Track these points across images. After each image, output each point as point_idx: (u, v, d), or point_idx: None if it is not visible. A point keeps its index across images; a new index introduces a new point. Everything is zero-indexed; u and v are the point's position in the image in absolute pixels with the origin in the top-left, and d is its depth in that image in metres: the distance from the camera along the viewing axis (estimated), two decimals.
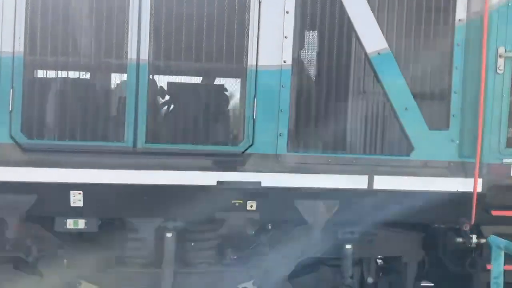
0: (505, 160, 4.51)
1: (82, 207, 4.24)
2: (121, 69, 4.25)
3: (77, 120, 4.25)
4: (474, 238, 4.66)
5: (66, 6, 4.13)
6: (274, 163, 4.32)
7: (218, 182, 4.28)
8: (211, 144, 4.34)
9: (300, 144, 4.41)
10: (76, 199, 4.25)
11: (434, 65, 4.52)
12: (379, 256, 5.10)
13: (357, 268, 4.95)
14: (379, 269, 5.15)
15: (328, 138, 4.46)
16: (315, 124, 4.45)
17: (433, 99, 4.61)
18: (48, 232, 4.48)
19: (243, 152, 4.31)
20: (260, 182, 4.33)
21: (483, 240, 4.67)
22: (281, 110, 4.30)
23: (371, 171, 4.40)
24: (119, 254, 4.61)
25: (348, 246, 4.63)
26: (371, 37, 4.37)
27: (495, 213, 4.50)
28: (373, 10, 4.37)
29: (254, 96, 4.30)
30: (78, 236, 4.58)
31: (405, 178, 4.43)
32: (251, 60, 4.29)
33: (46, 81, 4.28)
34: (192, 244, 4.66)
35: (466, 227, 4.54)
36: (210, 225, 4.49)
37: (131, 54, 4.17)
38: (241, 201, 4.37)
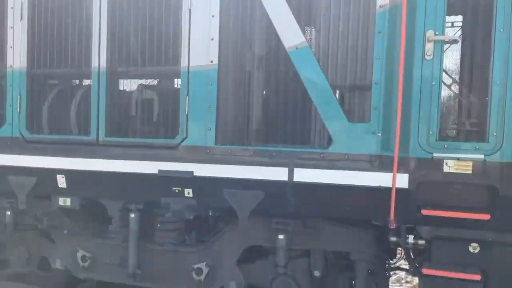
0: (436, 154, 4.09)
1: (66, 188, 5.36)
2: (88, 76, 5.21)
3: (61, 118, 5.39)
4: (411, 239, 4.36)
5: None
6: (204, 155, 4.76)
7: (159, 170, 4.92)
8: (154, 138, 5.00)
9: (226, 137, 4.75)
10: (62, 181, 5.38)
11: (354, 56, 4.36)
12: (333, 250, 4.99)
13: (304, 259, 5.02)
14: (333, 264, 5.07)
15: (250, 132, 4.71)
16: (239, 119, 4.74)
17: (353, 92, 4.44)
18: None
19: (178, 144, 4.86)
20: (192, 172, 4.82)
21: (421, 241, 4.34)
22: (209, 106, 4.71)
23: (291, 164, 4.50)
24: (101, 229, 5.63)
25: (280, 236, 4.77)
26: (289, 32, 4.46)
27: (425, 212, 4.11)
28: (289, 4, 4.45)
29: (187, 94, 4.81)
30: (74, 211, 5.69)
31: (325, 171, 4.39)
32: (184, 62, 4.81)
33: (41, 89, 5.49)
34: (158, 225, 5.40)
35: (392, 225, 4.26)
36: (160, 209, 5.14)
37: (94, 63, 5.11)
38: (180, 189, 4.93)
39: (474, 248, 4.27)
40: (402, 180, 4.17)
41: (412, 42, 4.11)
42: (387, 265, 5.01)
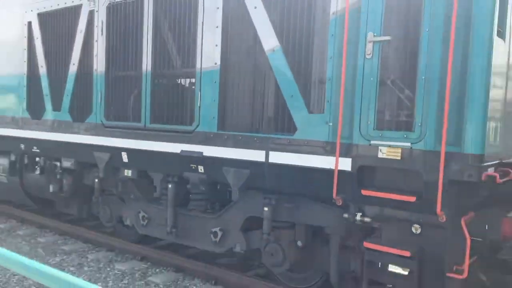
0: (373, 142, 4.64)
1: (127, 162, 7.08)
2: (139, 78, 6.82)
3: (124, 109, 7.12)
4: (358, 216, 4.95)
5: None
6: (210, 139, 5.99)
7: (181, 151, 6.29)
8: (179, 125, 6.37)
9: (225, 125, 5.89)
10: (125, 157, 7.12)
11: (314, 56, 5.10)
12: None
13: (290, 231, 5.87)
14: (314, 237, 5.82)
15: (240, 121, 5.76)
16: (233, 111, 5.84)
17: (313, 87, 5.16)
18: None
19: (193, 130, 6.16)
20: (202, 152, 6.08)
21: (366, 219, 4.92)
22: (214, 100, 5.91)
23: (267, 148, 5.45)
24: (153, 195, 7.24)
25: (265, 209, 5.73)
26: (268, 37, 5.40)
27: (364, 192, 4.70)
28: (269, 16, 5.39)
29: (200, 90, 6.07)
30: (136, 180, 7.37)
31: (291, 154, 5.24)
32: (198, 64, 6.08)
33: (113, 88, 7.28)
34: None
35: (339, 203, 4.93)
36: (184, 182, 6.51)
37: (143, 67, 6.70)
38: (195, 165, 6.23)
39: (416, 229, 4.70)
40: (346, 164, 4.85)
41: (357, 43, 4.72)
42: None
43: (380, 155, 4.62)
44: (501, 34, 4.47)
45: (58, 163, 8.25)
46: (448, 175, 4.24)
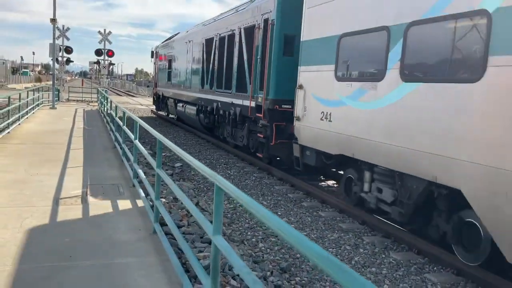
0: (257, 96, 8.14)
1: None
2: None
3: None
4: (261, 123, 8.52)
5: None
6: (213, 92, 14.48)
7: None
8: None
9: (212, 85, 15.56)
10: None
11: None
12: None
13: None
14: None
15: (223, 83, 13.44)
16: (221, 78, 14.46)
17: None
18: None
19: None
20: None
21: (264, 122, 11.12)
22: None
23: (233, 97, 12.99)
24: None
25: None
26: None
27: (257, 114, 9.24)
28: None
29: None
30: None
31: (243, 100, 12.52)
32: None
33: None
34: None
35: (252, 118, 10.12)
36: None
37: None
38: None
39: (264, 124, 11.81)
40: (253, 103, 12.16)
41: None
42: None
43: (259, 100, 11.61)
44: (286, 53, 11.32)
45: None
46: (267, 106, 11.34)
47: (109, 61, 36.22)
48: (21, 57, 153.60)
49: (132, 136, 8.20)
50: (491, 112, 5.50)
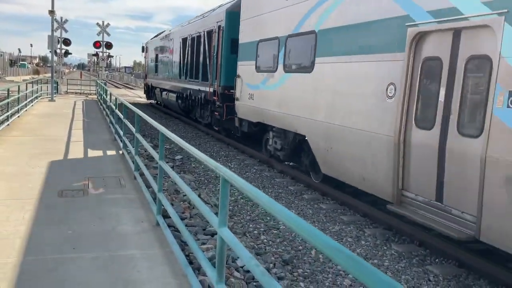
0: (214, 84, 14.50)
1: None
2: None
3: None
4: (217, 104, 13.99)
5: None
6: (188, 82, 19.52)
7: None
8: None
9: (187, 76, 20.05)
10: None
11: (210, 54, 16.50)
12: None
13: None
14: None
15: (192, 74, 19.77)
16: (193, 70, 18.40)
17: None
18: None
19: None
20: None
21: (219, 104, 15.43)
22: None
23: (200, 85, 17.34)
24: None
25: None
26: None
27: (214, 98, 13.91)
28: None
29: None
30: None
31: (202, 87, 17.28)
32: None
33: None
34: None
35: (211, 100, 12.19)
36: None
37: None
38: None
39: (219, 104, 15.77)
40: (212, 89, 15.92)
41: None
42: None
43: (215, 87, 15.68)
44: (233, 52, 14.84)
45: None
46: (220, 91, 15.20)
47: (107, 54, 36.01)
48: (19, 49, 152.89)
49: (133, 128, 8.18)
50: (319, 89, 9.40)
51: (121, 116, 10.29)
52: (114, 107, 12.79)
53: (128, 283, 4.09)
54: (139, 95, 39.86)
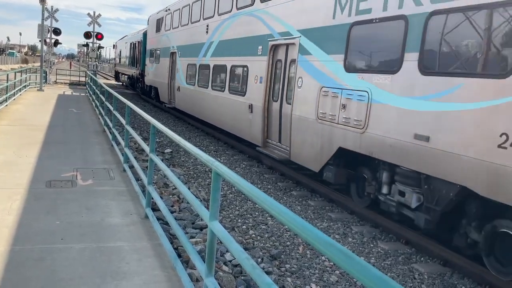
0: (139, 68, 27.73)
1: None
2: None
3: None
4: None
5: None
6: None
7: None
8: None
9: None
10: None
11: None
12: None
13: None
14: None
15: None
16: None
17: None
18: None
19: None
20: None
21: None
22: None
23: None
24: None
25: None
26: None
27: None
28: None
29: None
30: None
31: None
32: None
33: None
34: None
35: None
36: None
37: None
38: None
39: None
40: (138, 71, 32.50)
41: None
42: None
43: (140, 70, 30.22)
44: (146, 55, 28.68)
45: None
46: (140, 72, 30.61)
47: (98, 44, 35.68)
48: (7, 38, 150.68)
49: (123, 120, 8.14)
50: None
51: (111, 107, 10.22)
52: (103, 98, 12.70)
53: (117, 275, 4.09)
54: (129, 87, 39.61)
